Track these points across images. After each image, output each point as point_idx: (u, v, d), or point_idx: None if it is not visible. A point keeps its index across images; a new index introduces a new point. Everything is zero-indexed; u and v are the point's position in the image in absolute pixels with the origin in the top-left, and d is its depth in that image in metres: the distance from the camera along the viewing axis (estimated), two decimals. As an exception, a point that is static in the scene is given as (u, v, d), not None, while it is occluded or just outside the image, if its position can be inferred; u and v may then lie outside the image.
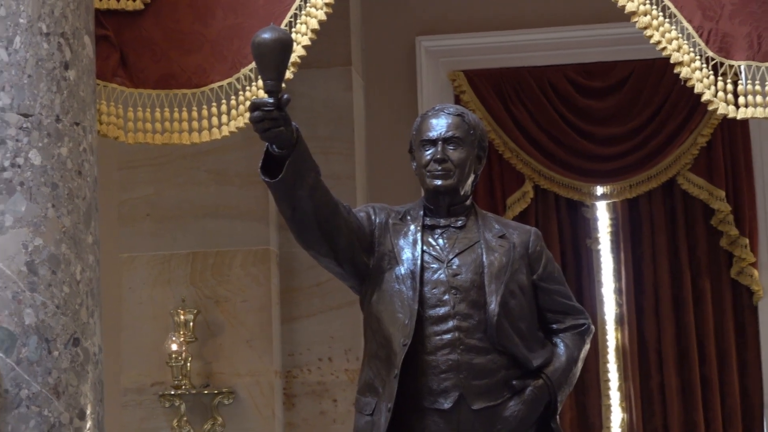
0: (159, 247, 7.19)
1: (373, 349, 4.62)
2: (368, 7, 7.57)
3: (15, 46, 4.73)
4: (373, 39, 7.60)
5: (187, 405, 6.99)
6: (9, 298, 4.61)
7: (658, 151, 7.66)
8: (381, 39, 7.62)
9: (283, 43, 4.25)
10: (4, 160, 4.66)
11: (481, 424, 4.54)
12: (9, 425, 4.57)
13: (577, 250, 7.76)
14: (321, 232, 4.50)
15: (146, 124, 5.46)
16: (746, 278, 7.57)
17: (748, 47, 5.21)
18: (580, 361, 4.73)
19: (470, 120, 4.74)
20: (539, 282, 4.69)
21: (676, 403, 7.57)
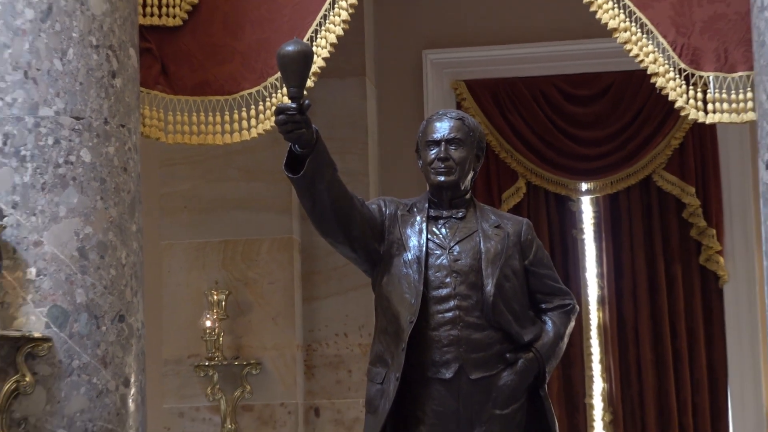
0: (195, 236, 7.19)
1: (383, 325, 4.62)
2: (380, 24, 7.57)
3: (68, 57, 4.73)
4: (385, 52, 7.59)
5: (220, 375, 6.99)
6: (63, 279, 4.61)
7: (636, 151, 7.64)
8: (392, 52, 7.61)
9: (305, 55, 4.24)
10: (58, 157, 4.66)
11: (478, 392, 4.53)
12: (62, 391, 4.57)
13: (563, 239, 7.76)
14: (338, 222, 4.50)
15: (184, 126, 5.46)
16: (713, 264, 7.56)
17: (716, 60, 5.20)
18: (566, 337, 4.73)
19: (470, 123, 4.74)
20: (530, 267, 4.69)
21: (650, 374, 7.56)
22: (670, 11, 5.24)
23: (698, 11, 5.24)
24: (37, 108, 4.67)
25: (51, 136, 4.67)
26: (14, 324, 4.56)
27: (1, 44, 4.68)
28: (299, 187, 4.41)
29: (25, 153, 4.64)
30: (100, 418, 4.62)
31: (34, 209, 4.63)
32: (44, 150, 4.66)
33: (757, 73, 4.85)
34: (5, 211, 4.60)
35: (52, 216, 4.64)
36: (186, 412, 7.09)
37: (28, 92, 4.67)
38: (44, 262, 4.61)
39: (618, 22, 5.22)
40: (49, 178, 4.65)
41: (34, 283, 4.58)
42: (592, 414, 7.62)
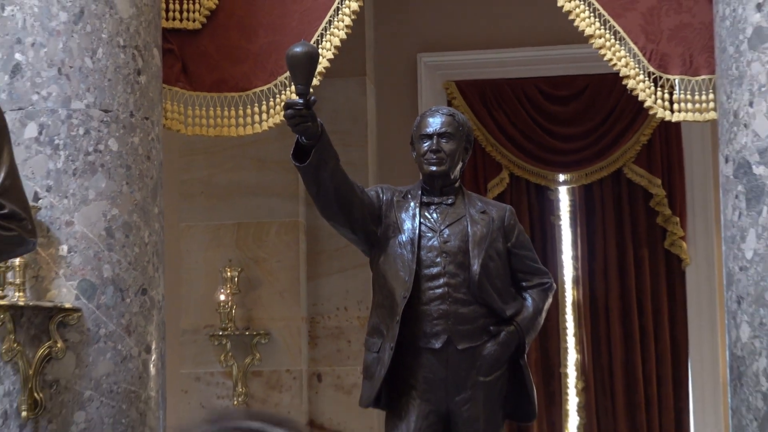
0: (211, 219, 7.19)
1: (380, 300, 4.62)
2: (379, 29, 7.56)
3: (98, 56, 4.72)
4: (383, 55, 7.58)
5: (232, 343, 7.00)
6: (91, 256, 4.62)
7: (609, 147, 7.64)
8: (389, 55, 7.60)
9: (312, 56, 4.25)
10: (88, 146, 4.66)
11: (464, 361, 4.54)
12: (90, 357, 4.58)
13: (542, 225, 7.76)
14: (340, 206, 4.50)
15: (202, 119, 5.45)
16: (677, 249, 7.57)
17: (681, 64, 5.20)
18: (544, 312, 4.73)
19: (459, 119, 4.75)
20: (512, 249, 4.69)
21: (619, 347, 7.57)
22: (640, 20, 5.24)
23: (666, 20, 5.24)
24: (70, 101, 4.66)
25: (82, 127, 4.66)
26: (47, 296, 4.57)
27: (38, 44, 4.68)
28: (305, 175, 4.42)
29: (59, 142, 4.64)
30: (124, 381, 4.62)
31: (66, 192, 4.63)
32: (75, 139, 4.66)
33: (719, 77, 4.85)
34: (40, 194, 4.60)
35: (82, 199, 4.64)
36: (201, 376, 7.10)
37: (61, 87, 4.66)
38: (75, 240, 4.61)
39: (594, 29, 5.22)
40: (80, 165, 4.65)
41: (65, 259, 4.58)
42: (566, 382, 7.62)
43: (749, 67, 4.62)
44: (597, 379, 7.58)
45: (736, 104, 4.66)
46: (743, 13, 4.65)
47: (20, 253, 3.69)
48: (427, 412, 4.54)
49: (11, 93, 4.66)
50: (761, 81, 4.58)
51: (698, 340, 7.53)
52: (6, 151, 3.50)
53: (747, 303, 4.56)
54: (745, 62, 4.64)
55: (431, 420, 4.54)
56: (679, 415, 7.51)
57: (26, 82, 4.67)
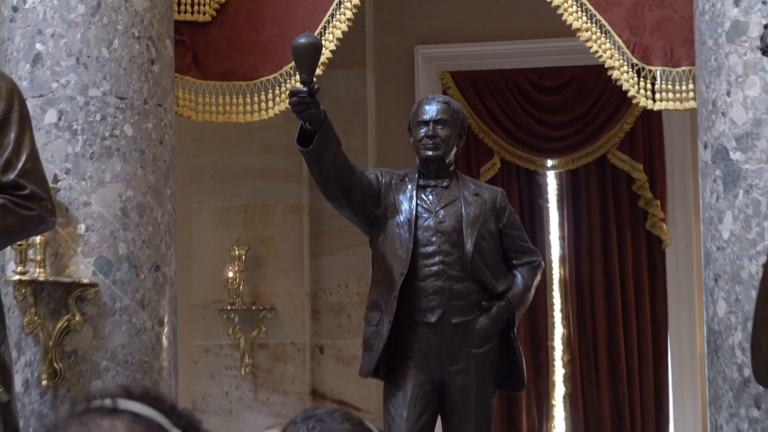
0: (220, 200, 7.18)
1: (379, 276, 4.62)
2: (379, 22, 7.55)
3: (114, 47, 4.71)
4: (383, 47, 7.57)
5: (240, 317, 7.00)
6: (107, 234, 4.61)
7: (594, 134, 7.63)
8: (388, 47, 7.59)
9: (315, 47, 4.25)
10: (104, 131, 4.66)
11: (458, 334, 4.55)
12: (106, 329, 4.58)
13: (531, 207, 7.75)
14: (341, 188, 4.50)
15: (212, 107, 5.45)
16: (657, 230, 7.56)
17: (663, 56, 5.19)
18: (533, 288, 4.74)
19: (454, 107, 4.74)
20: (503, 229, 4.69)
21: (602, 322, 7.57)
22: (625, 14, 5.23)
23: (649, 15, 5.23)
24: (87, 89, 4.66)
25: (99, 113, 4.66)
26: (66, 272, 4.57)
27: (57, 35, 4.67)
28: (309, 159, 4.41)
29: (77, 127, 4.64)
30: (138, 352, 4.63)
31: (83, 175, 4.62)
32: (93, 125, 4.65)
33: (698, 68, 4.85)
34: (59, 176, 4.60)
35: (99, 181, 4.63)
36: (211, 348, 7.10)
37: (79, 76, 4.66)
38: (92, 219, 4.61)
39: (581, 23, 5.21)
40: (97, 149, 4.65)
41: (83, 237, 4.58)
42: (553, 354, 7.63)
43: (727, 58, 4.61)
44: (582, 352, 7.59)
45: (715, 94, 4.65)
46: (722, 7, 4.64)
47: (41, 231, 3.69)
48: (423, 382, 4.54)
49: (32, 81, 4.66)
50: (738, 72, 4.57)
51: (677, 316, 7.54)
52: (27, 136, 3.50)
53: (724, 281, 4.56)
54: (723, 54, 4.63)
55: (427, 389, 4.55)
56: (659, 386, 7.52)
57: (46, 70, 4.67)
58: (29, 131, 3.51)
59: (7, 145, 3.44)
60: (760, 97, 4.52)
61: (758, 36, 4.23)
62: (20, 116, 3.49)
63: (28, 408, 4.52)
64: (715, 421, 4.60)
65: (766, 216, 4.42)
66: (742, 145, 4.53)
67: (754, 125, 4.52)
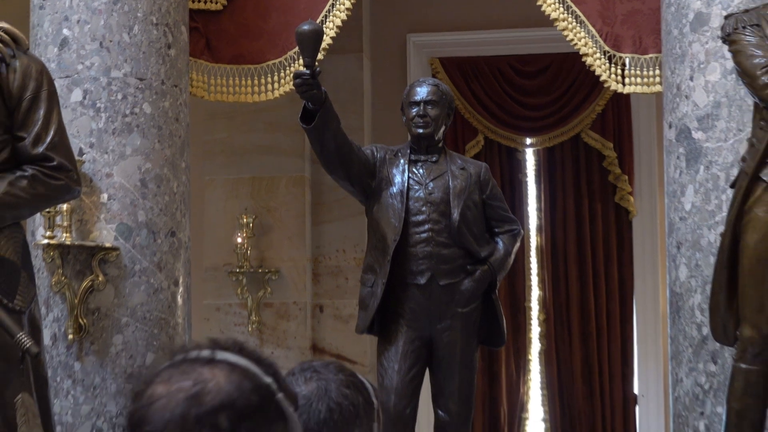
0: (230, 173, 7.17)
1: (374, 243, 4.62)
2: (375, 12, 7.53)
3: (134, 32, 4.69)
4: (378, 34, 7.54)
5: (247, 279, 7.00)
6: (128, 203, 4.61)
7: (569, 115, 7.62)
8: (383, 34, 7.56)
9: (317, 33, 4.23)
10: (125, 109, 4.64)
11: (445, 295, 4.55)
12: (127, 288, 4.58)
13: (512, 181, 7.75)
14: (340, 162, 4.49)
15: (222, 88, 5.43)
16: (625, 202, 7.56)
17: (632, 44, 5.19)
18: (513, 254, 4.74)
19: (443, 89, 4.73)
20: (487, 200, 4.69)
21: (575, 285, 7.58)
22: (598, 6, 5.22)
23: (620, 7, 5.22)
24: (110, 71, 4.64)
25: (120, 93, 4.64)
26: (90, 237, 4.56)
27: (82, 21, 4.65)
28: (311, 136, 4.40)
29: (100, 105, 4.62)
30: (155, 310, 4.63)
31: (106, 149, 4.61)
32: (114, 103, 4.63)
33: (664, 55, 4.84)
34: (84, 149, 4.59)
35: (120, 154, 4.62)
36: (221, 307, 7.10)
37: (102, 58, 4.64)
38: (114, 189, 4.60)
39: (558, 14, 5.19)
40: (118, 125, 4.63)
41: (105, 206, 4.57)
42: (530, 314, 7.65)
43: (690, 47, 4.61)
44: (556, 312, 7.61)
45: (679, 79, 4.65)
46: (686, 0, 4.63)
47: (67, 199, 3.68)
48: (413, 338, 4.55)
49: (60, 63, 4.64)
50: (700, 59, 4.57)
51: (642, 280, 7.55)
52: (55, 112, 3.48)
53: (685, 248, 4.57)
54: (687, 43, 4.62)
55: (416, 344, 4.55)
56: (625, 343, 7.54)
57: (72, 53, 4.64)
58: (57, 108, 3.50)
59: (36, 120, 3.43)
60: (720, 81, 4.52)
61: (719, 26, 4.22)
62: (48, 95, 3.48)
63: (55, 359, 4.53)
64: (676, 374, 4.62)
65: (723, 190, 4.42)
66: (704, 126, 4.53)
67: (715, 107, 4.52)
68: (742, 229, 3.86)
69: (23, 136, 3.42)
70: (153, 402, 1.48)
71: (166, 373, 1.50)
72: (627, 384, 7.52)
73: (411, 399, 4.52)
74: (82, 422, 4.50)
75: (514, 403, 7.60)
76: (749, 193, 3.85)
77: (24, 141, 3.42)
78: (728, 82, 4.49)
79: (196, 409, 1.45)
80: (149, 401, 1.48)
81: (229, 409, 1.46)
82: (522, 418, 7.60)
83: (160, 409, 1.46)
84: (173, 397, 1.47)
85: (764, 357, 3.88)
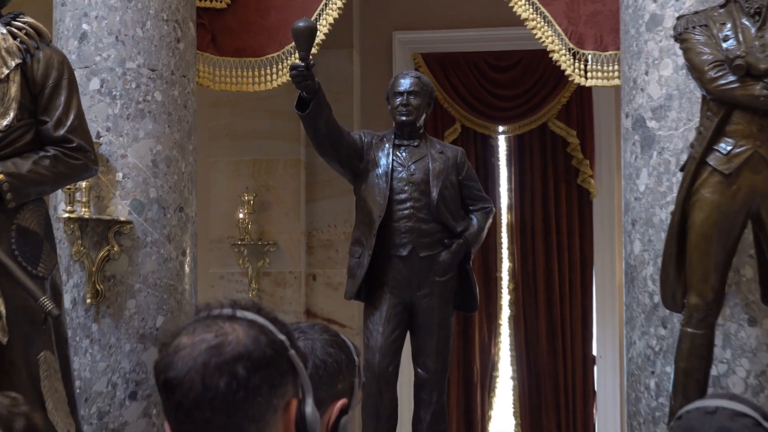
0: (233, 155, 7.15)
1: (361, 218, 4.62)
2: (364, 11, 7.50)
3: (146, 27, 4.66)
4: (366, 32, 7.52)
5: (248, 250, 6.99)
6: (140, 181, 4.59)
7: (537, 105, 7.61)
8: (371, 32, 7.54)
9: (311, 29, 4.20)
10: (138, 97, 4.62)
11: (425, 265, 4.55)
12: (139, 258, 4.57)
13: (485, 164, 7.74)
14: (331, 146, 4.48)
15: (226, 78, 5.41)
16: (586, 184, 7.56)
17: (594, 42, 5.18)
18: (485, 229, 4.73)
19: (424, 81, 4.72)
20: (463, 180, 4.68)
21: (541, 258, 7.59)
22: (564, 8, 5.21)
23: (583, 8, 5.21)
24: (125, 62, 4.61)
25: (134, 82, 4.62)
26: (106, 211, 4.55)
27: (100, 17, 4.62)
28: (305, 122, 4.38)
29: (116, 93, 4.60)
30: (165, 277, 4.62)
31: (121, 132, 4.59)
32: (129, 91, 4.61)
33: (622, 52, 4.83)
34: (101, 133, 4.57)
35: (134, 137, 4.60)
36: (224, 275, 7.09)
37: (118, 51, 4.61)
38: (128, 169, 4.58)
39: (528, 14, 5.18)
40: (132, 111, 4.61)
41: (120, 183, 4.56)
42: (501, 284, 7.66)
43: (646, 45, 4.60)
44: (524, 282, 7.62)
45: (635, 73, 4.65)
46: (642, 3, 4.63)
47: (85, 177, 3.67)
48: (395, 303, 4.55)
49: (79, 55, 4.61)
50: (655, 55, 4.57)
51: (601, 253, 7.57)
52: (75, 99, 3.48)
53: (639, 225, 4.58)
54: (642, 41, 4.62)
55: (398, 309, 4.56)
56: (585, 310, 7.56)
57: (91, 46, 4.62)
58: (76, 95, 3.49)
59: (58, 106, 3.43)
60: (672, 76, 4.52)
61: (672, 26, 4.22)
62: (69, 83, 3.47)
63: (75, 321, 4.53)
64: (630, 337, 4.64)
65: (674, 173, 4.43)
66: (657, 116, 4.53)
67: (667, 99, 4.52)
68: (690, 209, 3.88)
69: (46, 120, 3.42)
70: (178, 351, 1.50)
71: (191, 327, 1.53)
72: (587, 346, 7.55)
73: (393, 358, 4.53)
74: (98, 377, 4.50)
75: (486, 362, 7.63)
76: (697, 176, 3.87)
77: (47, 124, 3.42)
78: (679, 76, 4.49)
79: (216, 358, 1.47)
80: (175, 350, 1.50)
81: (246, 360, 1.48)
82: (493, 376, 7.63)
83: (183, 357, 1.49)
84: (196, 347, 1.49)
85: (708, 322, 3.90)
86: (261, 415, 1.48)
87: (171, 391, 1.48)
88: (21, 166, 3.32)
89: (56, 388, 3.37)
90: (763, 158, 3.79)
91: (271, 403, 1.50)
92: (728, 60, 3.73)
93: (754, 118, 3.77)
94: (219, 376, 1.46)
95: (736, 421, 1.98)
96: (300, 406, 1.54)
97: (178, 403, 1.48)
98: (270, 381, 1.50)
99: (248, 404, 1.47)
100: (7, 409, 2.19)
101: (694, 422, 1.99)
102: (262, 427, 1.49)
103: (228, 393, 1.46)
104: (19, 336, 3.27)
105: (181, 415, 1.48)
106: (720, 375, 4.31)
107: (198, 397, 1.46)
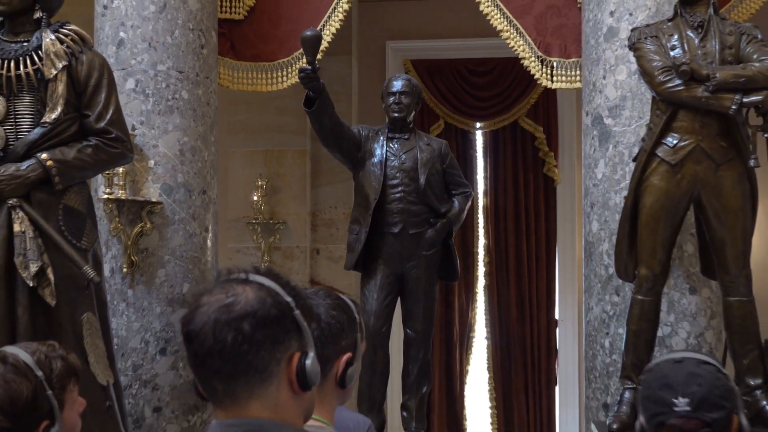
0: (248, 147, 7.13)
1: (359, 201, 4.61)
2: (361, 23, 7.47)
3: (175, 35, 4.64)
4: (364, 40, 7.49)
5: (261, 228, 6.98)
6: (170, 168, 4.58)
7: (510, 105, 7.60)
8: (368, 40, 7.51)
9: (317, 38, 4.18)
10: (168, 95, 4.61)
11: (413, 241, 4.55)
12: (168, 233, 4.57)
13: (465, 155, 7.73)
14: (334, 138, 4.47)
15: (243, 80, 5.39)
16: (551, 173, 7.56)
17: (559, 51, 5.17)
18: (465, 210, 4.74)
19: (413, 83, 4.70)
20: (446, 168, 4.68)
21: (512, 236, 7.60)
22: (533, 21, 5.19)
23: (550, 22, 5.20)
24: (156, 65, 4.59)
25: (164, 82, 4.60)
26: (140, 193, 4.54)
27: (135, 26, 4.60)
28: (312, 118, 4.37)
29: (148, 92, 4.58)
30: (190, 250, 4.61)
31: (153, 125, 4.57)
32: (159, 90, 4.59)
33: (583, 59, 4.83)
34: (136, 126, 4.56)
35: (164, 130, 4.59)
36: (241, 249, 7.08)
37: (150, 55, 4.59)
38: (159, 157, 4.57)
39: (503, 26, 5.17)
40: (162, 107, 4.59)
41: (152, 169, 4.55)
42: (477, 258, 7.67)
43: (604, 53, 4.60)
44: (497, 257, 7.63)
45: (594, 77, 4.64)
46: (601, 17, 4.62)
47: (122, 164, 3.66)
48: (388, 274, 4.55)
49: (117, 58, 4.59)
50: (611, 62, 4.56)
51: (563, 232, 7.58)
52: (113, 96, 3.48)
53: (597, 207, 4.58)
54: (601, 50, 4.61)
55: (391, 279, 4.56)
56: (549, 282, 7.58)
57: (127, 51, 4.59)
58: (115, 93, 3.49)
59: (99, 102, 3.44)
60: (626, 80, 4.52)
61: (626, 37, 4.22)
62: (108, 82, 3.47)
63: (113, 287, 4.52)
64: (588, 303, 4.65)
65: (627, 163, 4.43)
66: (613, 114, 4.53)
67: (621, 100, 4.52)
68: (640, 194, 3.89)
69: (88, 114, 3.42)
70: (198, 308, 1.54)
71: (212, 288, 1.56)
72: (550, 311, 7.57)
73: (386, 320, 4.54)
74: (133, 335, 4.50)
75: (464, 325, 7.65)
76: (647, 166, 3.88)
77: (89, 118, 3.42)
78: (632, 80, 4.48)
79: (225, 315, 1.50)
80: (196, 307, 1.54)
81: (251, 317, 1.50)
82: (470, 336, 7.65)
83: (201, 313, 1.52)
84: (212, 305, 1.52)
85: (656, 290, 3.92)
86: (264, 366, 1.51)
87: (190, 342, 1.53)
88: (67, 154, 3.33)
89: (97, 345, 3.37)
90: (704, 151, 3.80)
91: (274, 356, 1.52)
92: (675, 66, 3.74)
93: (697, 116, 3.78)
94: (227, 331, 1.49)
95: (702, 367, 1.98)
96: (301, 359, 1.54)
97: (195, 352, 1.52)
98: (273, 337, 1.51)
99: (252, 356, 1.49)
100: (45, 354, 2.21)
101: (665, 370, 1.99)
102: (266, 376, 1.51)
103: (234, 345, 1.49)
104: (66, 300, 3.28)
105: (198, 362, 1.52)
106: (665, 336, 4.33)
107: (210, 347, 1.50)
